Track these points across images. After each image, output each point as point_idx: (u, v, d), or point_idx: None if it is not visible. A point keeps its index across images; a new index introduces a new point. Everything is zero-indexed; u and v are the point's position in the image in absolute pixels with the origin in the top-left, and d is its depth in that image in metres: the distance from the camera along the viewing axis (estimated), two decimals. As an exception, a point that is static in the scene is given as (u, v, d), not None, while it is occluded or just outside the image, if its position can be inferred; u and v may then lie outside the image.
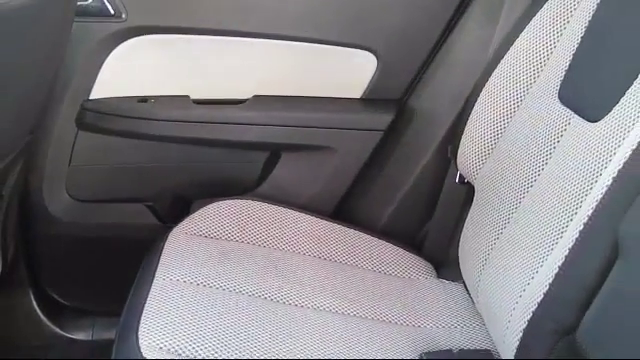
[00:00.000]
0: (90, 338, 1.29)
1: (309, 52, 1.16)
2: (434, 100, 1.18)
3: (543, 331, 0.71)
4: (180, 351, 0.77)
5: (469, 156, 1.03)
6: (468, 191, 1.07)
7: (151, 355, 0.75)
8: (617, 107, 0.75)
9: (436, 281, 1.08)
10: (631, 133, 0.69)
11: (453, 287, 1.06)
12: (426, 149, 1.17)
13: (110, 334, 1.25)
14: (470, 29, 1.16)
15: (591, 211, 0.68)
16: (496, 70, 1.01)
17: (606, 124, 0.75)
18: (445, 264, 1.11)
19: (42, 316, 1.26)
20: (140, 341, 0.78)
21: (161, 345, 0.77)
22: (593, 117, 0.79)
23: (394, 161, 1.21)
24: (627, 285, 0.61)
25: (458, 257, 1.03)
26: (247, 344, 0.81)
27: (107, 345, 0.96)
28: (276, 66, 1.18)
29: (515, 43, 0.99)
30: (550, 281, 0.70)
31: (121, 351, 0.79)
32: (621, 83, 0.77)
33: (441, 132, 1.15)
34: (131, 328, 0.80)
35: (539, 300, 0.72)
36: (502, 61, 1.00)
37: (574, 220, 0.71)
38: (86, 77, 1.10)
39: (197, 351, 0.77)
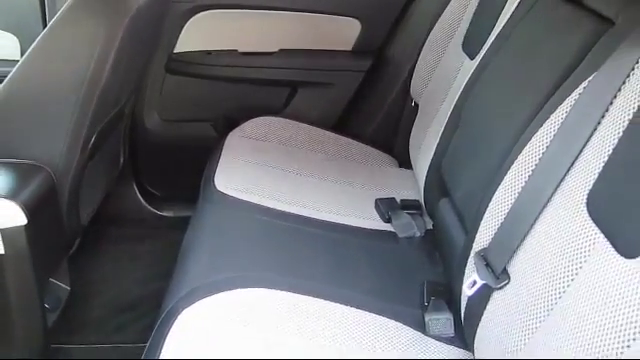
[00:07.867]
0: (172, 215, 1.85)
1: (315, 19, 1.71)
2: (400, 51, 1.73)
3: (432, 173, 1.28)
4: (239, 189, 1.36)
5: (417, 86, 1.59)
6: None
7: (223, 189, 1.35)
8: (484, 45, 1.29)
9: (398, 169, 1.65)
10: (478, 57, 1.24)
11: (408, 172, 1.60)
12: (395, 83, 1.71)
13: (185, 212, 1.82)
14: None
15: (455, 103, 1.24)
16: (434, 28, 1.55)
17: (477, 58, 1.30)
18: (405, 159, 1.66)
19: (141, 200, 1.83)
20: (216, 185, 1.37)
21: (227, 185, 1.37)
22: (473, 56, 1.33)
23: (374, 92, 1.76)
24: (460, 139, 1.18)
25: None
26: (278, 191, 1.38)
27: (184, 219, 1.50)
28: (294, 29, 1.72)
29: (448, 6, 1.52)
30: (436, 143, 1.28)
31: (206, 190, 1.37)
32: (489, 27, 1.28)
33: (404, 72, 1.68)
34: (210, 179, 1.39)
35: (432, 156, 1.29)
36: (438, 21, 1.54)
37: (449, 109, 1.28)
38: (172, 38, 1.67)
39: (249, 190, 1.36)
